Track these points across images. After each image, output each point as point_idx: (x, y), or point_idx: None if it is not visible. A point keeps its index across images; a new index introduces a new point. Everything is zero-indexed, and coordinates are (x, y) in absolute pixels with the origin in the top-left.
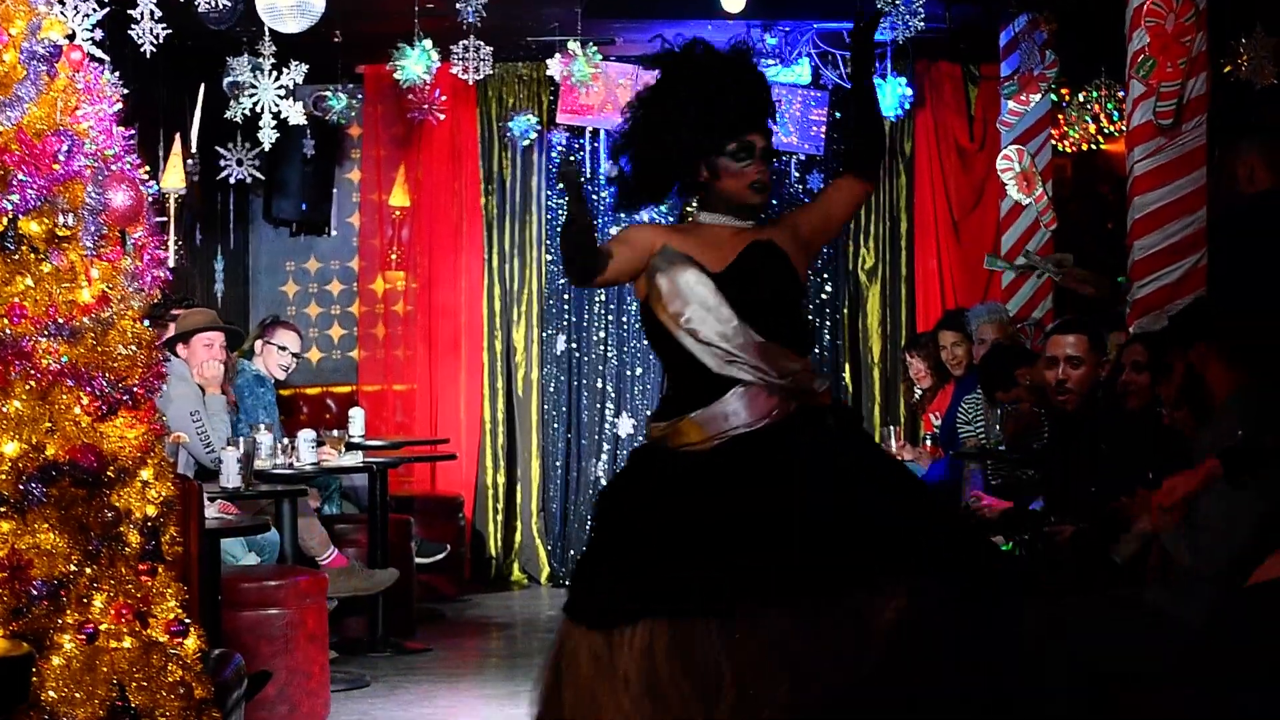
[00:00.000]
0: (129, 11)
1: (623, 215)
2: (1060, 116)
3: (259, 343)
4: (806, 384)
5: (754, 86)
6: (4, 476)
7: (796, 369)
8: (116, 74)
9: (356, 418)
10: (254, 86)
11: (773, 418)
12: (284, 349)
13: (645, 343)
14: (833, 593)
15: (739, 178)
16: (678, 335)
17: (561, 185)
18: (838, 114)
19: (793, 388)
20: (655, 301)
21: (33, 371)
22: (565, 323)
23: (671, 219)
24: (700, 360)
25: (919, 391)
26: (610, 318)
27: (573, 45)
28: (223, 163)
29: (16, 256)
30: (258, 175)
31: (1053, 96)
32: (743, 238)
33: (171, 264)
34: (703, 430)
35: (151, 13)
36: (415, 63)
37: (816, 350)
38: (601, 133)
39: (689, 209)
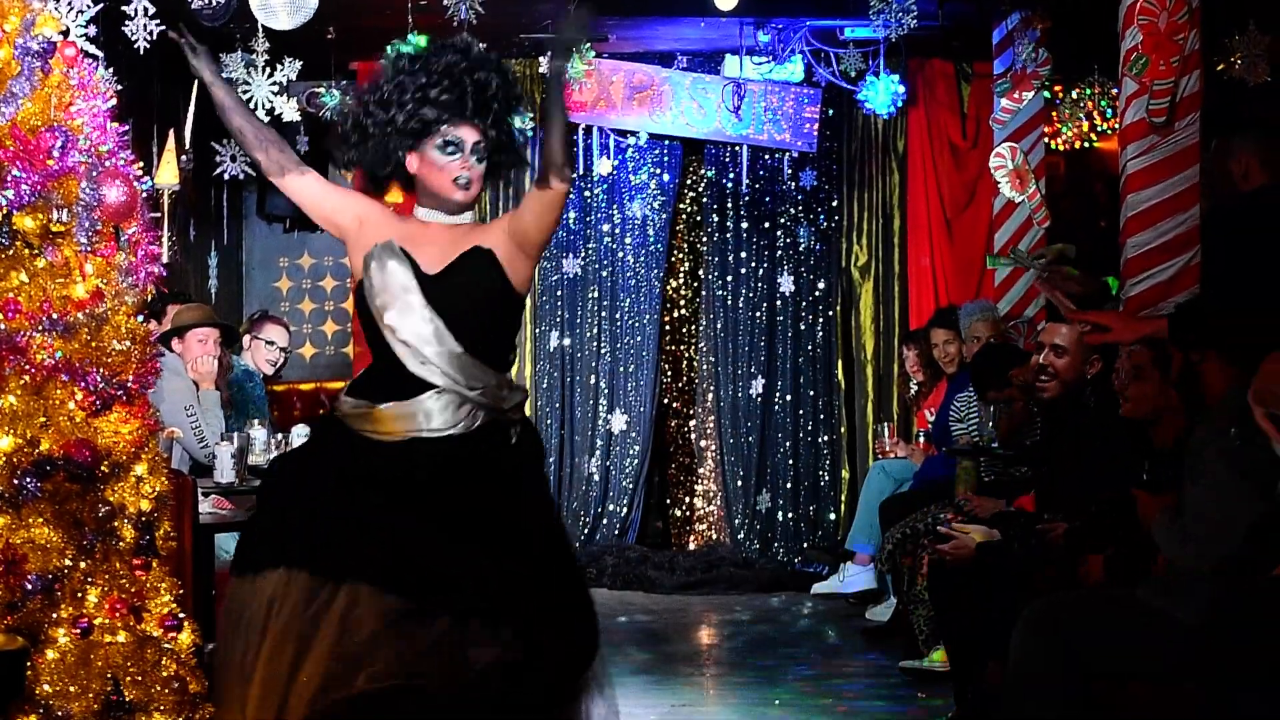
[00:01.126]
0: (123, 8)
1: None
2: (1053, 114)
3: (247, 338)
4: (496, 400)
5: (476, 80)
6: None
7: (491, 383)
8: (111, 70)
9: None
10: (247, 83)
11: (458, 428)
12: (271, 344)
13: (638, 339)
14: (455, 609)
15: (444, 172)
16: (380, 328)
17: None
18: (829, 111)
19: (482, 401)
20: (367, 289)
21: (27, 367)
22: (559, 319)
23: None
24: (398, 357)
25: (914, 385)
26: (604, 315)
27: None
28: (217, 159)
29: (11, 252)
30: (250, 172)
31: (1045, 94)
32: (461, 241)
33: (165, 260)
34: (393, 424)
35: (145, 9)
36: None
37: (809, 347)
38: (595, 129)
39: None
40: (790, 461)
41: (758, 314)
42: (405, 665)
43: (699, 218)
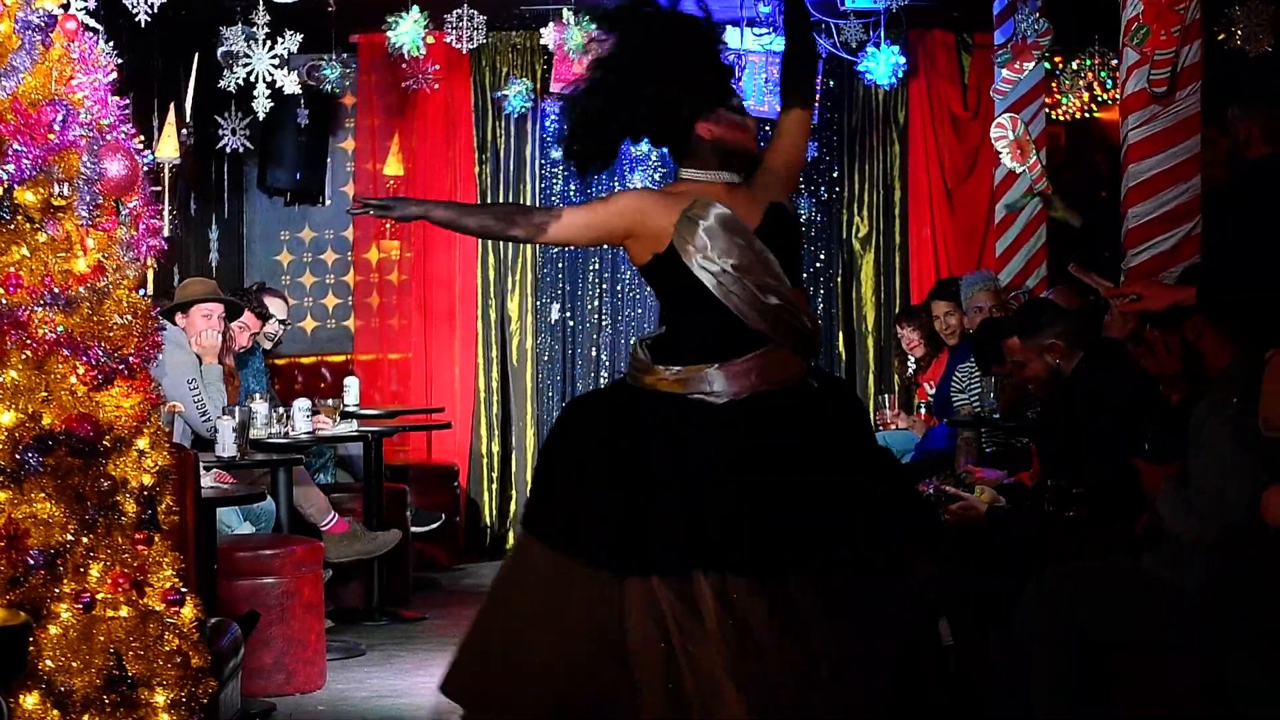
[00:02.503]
0: None
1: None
2: (1054, 85)
3: (244, 311)
4: (816, 343)
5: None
6: (0, 446)
7: (812, 329)
8: (111, 44)
9: (351, 387)
10: (248, 56)
11: (787, 382)
12: (270, 316)
13: (639, 312)
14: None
15: (744, 130)
16: (711, 285)
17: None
18: (830, 82)
19: (809, 346)
20: (686, 252)
21: (29, 341)
22: (559, 292)
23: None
24: (732, 313)
25: (912, 363)
26: (604, 287)
27: (566, 14)
28: (220, 132)
29: (12, 226)
30: (250, 145)
31: (1046, 65)
32: (755, 197)
33: (166, 233)
34: (726, 384)
35: None
36: (409, 32)
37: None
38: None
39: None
40: None
41: None
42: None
43: None
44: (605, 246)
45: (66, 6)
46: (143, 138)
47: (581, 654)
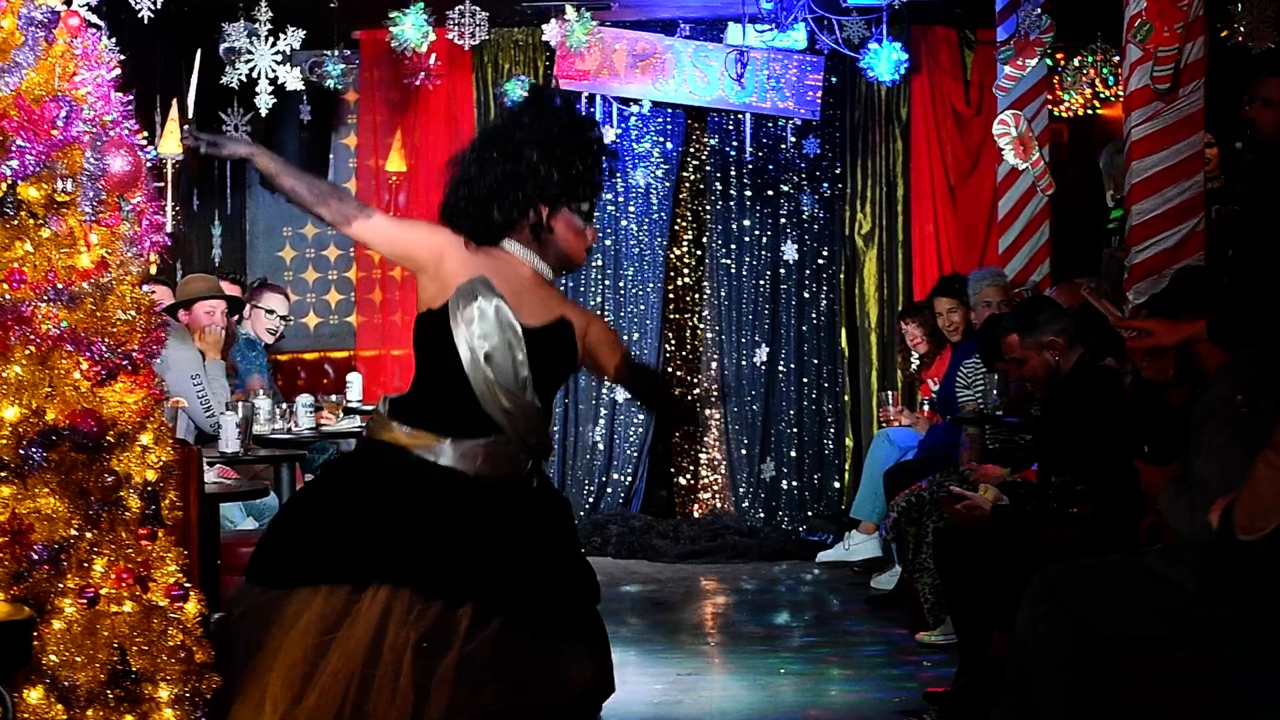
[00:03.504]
0: None
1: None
2: (1056, 81)
3: (247, 307)
4: (544, 454)
5: (608, 160)
6: (4, 441)
7: (545, 441)
8: (114, 39)
9: (354, 383)
10: (250, 52)
11: (506, 476)
12: (271, 312)
13: (641, 308)
14: (549, 632)
15: (581, 238)
16: (465, 363)
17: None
18: (833, 79)
19: (538, 452)
20: (455, 318)
21: (32, 336)
22: (562, 287)
23: None
24: (475, 395)
25: (916, 359)
26: (606, 284)
27: (568, 10)
28: (223, 128)
29: (15, 222)
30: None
31: (1049, 61)
32: (553, 305)
33: (169, 229)
34: (453, 460)
35: None
36: (411, 28)
37: (813, 315)
38: (598, 98)
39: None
40: (794, 430)
41: (761, 282)
42: (520, 685)
43: (702, 186)
44: (606, 243)
45: (69, 2)
46: (146, 133)
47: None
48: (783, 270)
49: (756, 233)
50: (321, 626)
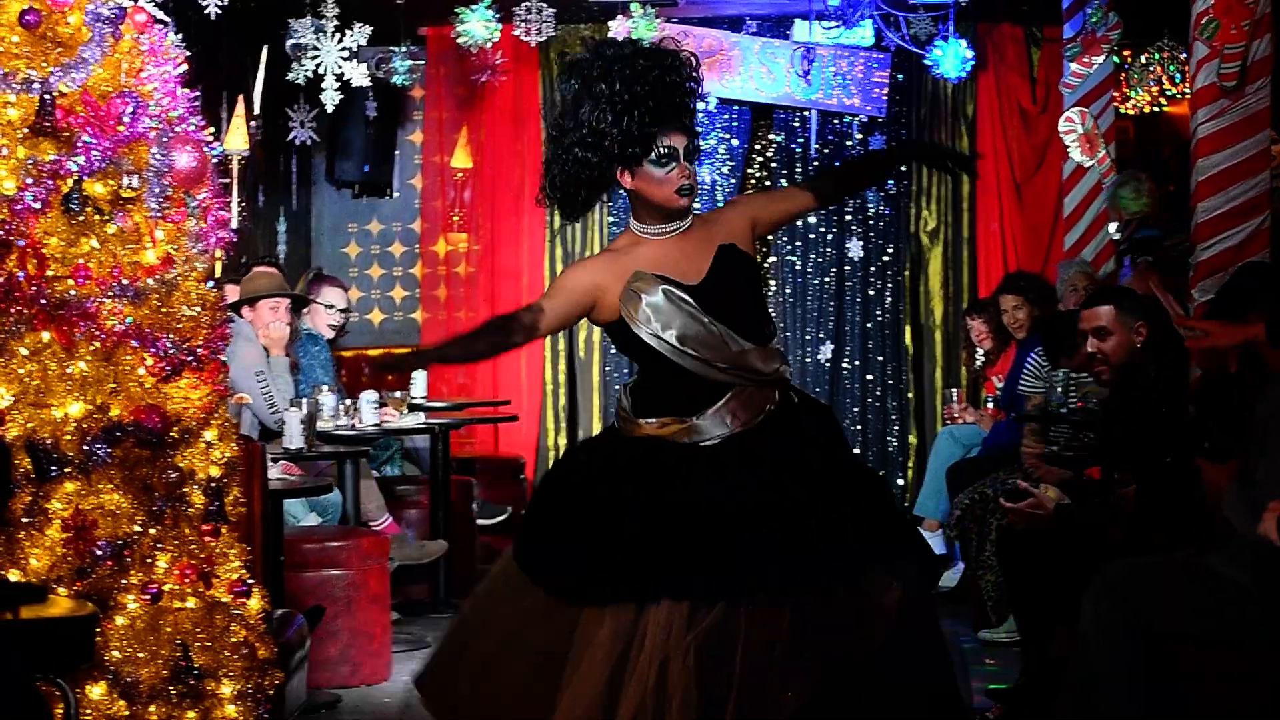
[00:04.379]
0: None
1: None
2: (1123, 79)
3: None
4: (783, 374)
5: (668, 84)
6: (69, 437)
7: (776, 364)
8: (180, 36)
9: (418, 379)
10: (317, 48)
11: (764, 412)
12: (330, 306)
13: None
14: (840, 578)
15: (665, 184)
16: (664, 351)
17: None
18: (899, 76)
19: (775, 380)
20: (634, 322)
21: (97, 332)
22: None
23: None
24: (691, 372)
25: (980, 356)
26: None
27: (634, 7)
28: (289, 124)
29: (82, 218)
30: (317, 138)
31: (1115, 59)
32: (705, 245)
33: (234, 225)
34: (707, 432)
35: None
36: (478, 24)
37: (877, 312)
38: None
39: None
40: (858, 427)
41: (826, 279)
42: (826, 657)
43: (768, 182)
44: None
45: None
46: (212, 129)
47: (549, 684)
48: (847, 267)
49: (821, 230)
50: (611, 654)
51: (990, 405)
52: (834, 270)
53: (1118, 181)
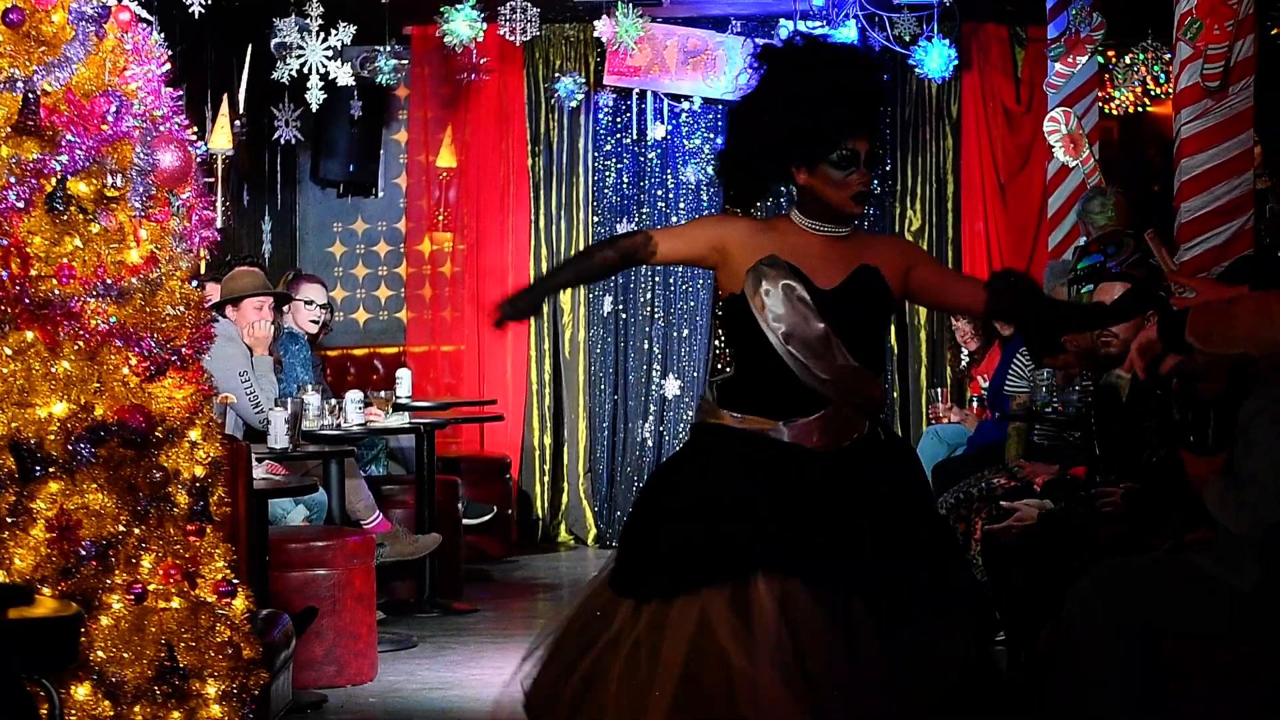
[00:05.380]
0: None
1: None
2: (1107, 79)
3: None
4: (879, 407)
5: (862, 89)
6: (53, 437)
7: (875, 396)
8: (164, 35)
9: (403, 379)
10: (301, 48)
11: (849, 439)
12: (310, 303)
13: (691, 304)
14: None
15: (842, 188)
16: (775, 343)
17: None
18: (884, 76)
19: (871, 409)
20: (756, 305)
21: (81, 332)
22: (611, 284)
23: None
24: (794, 371)
25: (966, 356)
26: (657, 279)
27: (619, 7)
28: (273, 123)
29: (65, 217)
30: (302, 137)
31: (1099, 59)
32: (849, 256)
33: (219, 225)
34: (795, 439)
35: None
36: (462, 24)
37: None
38: (649, 94)
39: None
40: None
41: None
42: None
43: None
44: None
45: None
46: (196, 129)
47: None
48: None
49: None
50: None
51: (975, 405)
52: None
53: (1086, 196)
